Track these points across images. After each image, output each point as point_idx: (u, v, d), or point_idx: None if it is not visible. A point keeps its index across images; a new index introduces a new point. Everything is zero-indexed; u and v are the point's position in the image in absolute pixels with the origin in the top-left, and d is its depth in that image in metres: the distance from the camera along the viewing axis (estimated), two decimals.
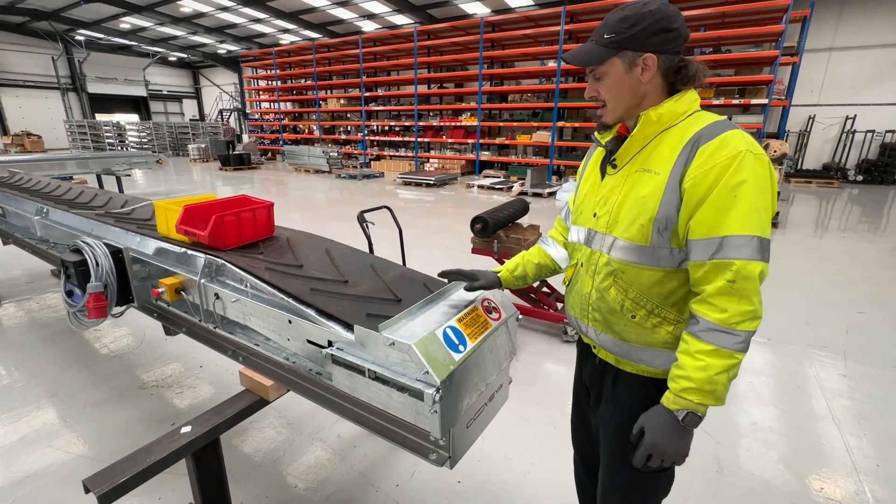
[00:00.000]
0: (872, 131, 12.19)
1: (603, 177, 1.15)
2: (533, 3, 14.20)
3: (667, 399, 0.99)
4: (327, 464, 2.17)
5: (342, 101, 17.82)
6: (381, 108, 16.27)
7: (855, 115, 12.30)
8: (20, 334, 3.44)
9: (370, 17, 16.98)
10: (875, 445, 2.32)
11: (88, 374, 2.90)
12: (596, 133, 1.19)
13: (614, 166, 1.11)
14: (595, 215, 1.14)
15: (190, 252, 1.69)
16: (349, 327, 1.19)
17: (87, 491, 1.17)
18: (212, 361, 3.04)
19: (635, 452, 1.02)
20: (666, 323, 1.07)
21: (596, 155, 1.24)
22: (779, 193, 8.90)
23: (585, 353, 1.33)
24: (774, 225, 7.02)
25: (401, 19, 17.05)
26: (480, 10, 15.27)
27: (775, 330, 3.60)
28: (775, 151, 8.01)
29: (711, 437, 2.35)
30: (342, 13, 16.80)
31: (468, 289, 1.27)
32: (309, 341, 1.30)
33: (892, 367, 3.06)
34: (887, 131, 12.09)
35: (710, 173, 0.93)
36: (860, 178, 12.34)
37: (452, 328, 1.11)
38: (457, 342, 1.09)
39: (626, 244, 1.06)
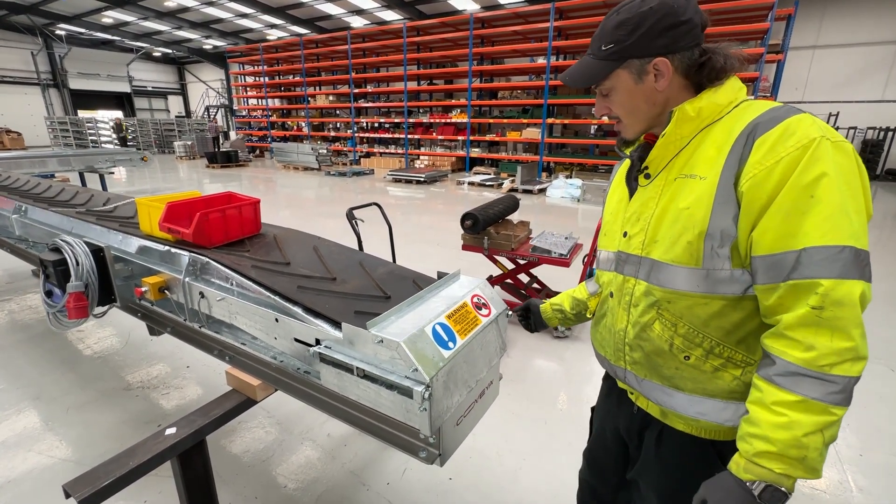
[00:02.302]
0: (855, 128, 12.44)
1: (632, 191, 0.99)
2: (522, 0, 14.21)
3: (736, 465, 0.76)
4: (317, 463, 2.16)
5: (331, 98, 17.67)
6: (370, 104, 16.18)
7: (838, 112, 12.53)
8: (0, 336, 3.36)
9: (359, 12, 16.84)
10: (858, 436, 2.36)
11: (72, 377, 2.84)
12: (618, 146, 1.07)
13: (647, 176, 0.94)
14: (626, 234, 0.97)
15: (174, 250, 1.65)
16: (337, 325, 1.17)
17: (67, 496, 1.14)
18: (199, 361, 3.00)
19: None
20: (731, 365, 0.85)
21: (622, 169, 1.06)
22: None
23: (619, 397, 1.13)
24: None
25: (390, 15, 16.94)
26: (470, 7, 15.23)
27: None
28: None
29: None
30: (330, 8, 16.63)
31: (517, 311, 1.42)
32: (296, 340, 1.28)
33: (873, 359, 3.12)
34: (869, 128, 12.36)
35: (774, 170, 0.73)
36: None
37: (442, 325, 1.10)
38: (446, 339, 1.08)
39: (670, 267, 0.87)
